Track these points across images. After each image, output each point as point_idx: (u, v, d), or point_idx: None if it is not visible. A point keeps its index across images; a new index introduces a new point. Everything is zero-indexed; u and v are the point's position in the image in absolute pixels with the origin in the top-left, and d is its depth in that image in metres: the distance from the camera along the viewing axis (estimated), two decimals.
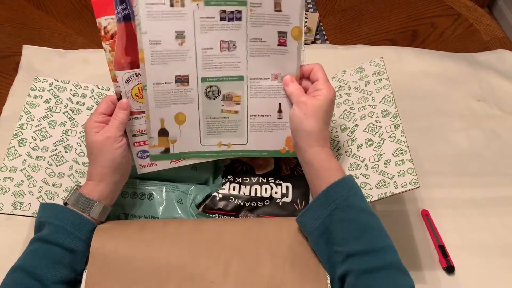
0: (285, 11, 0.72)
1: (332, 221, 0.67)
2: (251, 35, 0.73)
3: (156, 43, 0.71)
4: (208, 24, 0.71)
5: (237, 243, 0.71)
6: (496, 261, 0.92)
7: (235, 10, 0.71)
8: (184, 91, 0.75)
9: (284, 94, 0.77)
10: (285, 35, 0.73)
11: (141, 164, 0.80)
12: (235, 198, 0.85)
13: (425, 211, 0.98)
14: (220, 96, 0.76)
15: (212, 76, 0.75)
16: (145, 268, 0.68)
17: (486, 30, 1.38)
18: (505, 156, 1.08)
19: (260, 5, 0.71)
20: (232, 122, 0.78)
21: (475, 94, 1.20)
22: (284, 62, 0.75)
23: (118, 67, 0.72)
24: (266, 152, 0.80)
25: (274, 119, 0.78)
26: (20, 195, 0.77)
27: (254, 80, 0.76)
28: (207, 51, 0.73)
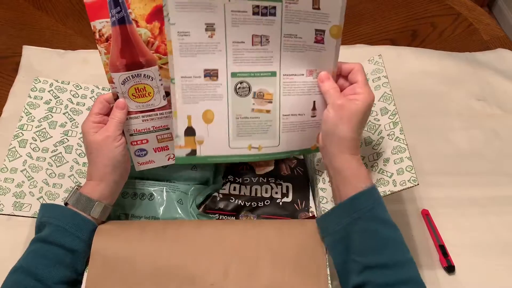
0: (324, 9, 0.68)
1: (354, 229, 0.66)
2: (286, 31, 0.69)
3: (184, 35, 0.68)
4: (239, 17, 0.68)
5: (237, 245, 0.70)
6: (496, 261, 0.92)
7: (269, 5, 0.68)
8: (213, 86, 0.71)
9: (319, 92, 0.73)
10: (323, 33, 0.70)
11: (139, 162, 0.80)
12: (236, 198, 0.85)
13: (425, 210, 0.98)
14: (251, 94, 0.72)
15: (243, 71, 0.71)
16: (145, 269, 0.68)
17: (486, 30, 1.38)
18: (505, 155, 1.08)
19: (296, 2, 0.68)
20: (264, 123, 0.74)
21: (475, 94, 1.20)
22: (321, 59, 0.72)
23: (113, 69, 0.72)
24: (298, 152, 0.77)
25: (308, 118, 0.74)
26: (20, 196, 0.77)
27: (288, 76, 0.72)
28: (238, 44, 0.69)
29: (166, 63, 0.72)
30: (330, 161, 0.72)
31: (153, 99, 0.75)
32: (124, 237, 0.71)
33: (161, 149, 0.81)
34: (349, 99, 0.70)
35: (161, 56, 0.73)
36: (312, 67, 0.72)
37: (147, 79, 0.74)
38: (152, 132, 0.78)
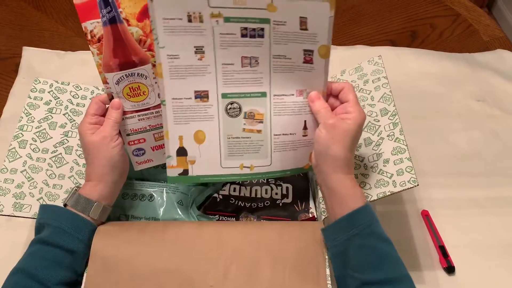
0: (312, 30, 0.69)
1: (351, 246, 0.66)
2: (275, 52, 0.70)
3: (174, 58, 0.69)
4: (228, 40, 0.69)
5: (237, 247, 0.70)
6: (496, 261, 0.92)
7: (257, 27, 0.68)
8: (204, 107, 0.72)
9: (309, 111, 0.74)
10: (311, 53, 0.70)
11: (137, 161, 0.81)
12: (236, 199, 0.85)
13: (425, 211, 0.98)
14: (241, 114, 0.73)
15: (233, 92, 0.72)
16: (144, 270, 0.68)
17: (485, 30, 1.38)
18: (504, 156, 1.08)
19: (284, 23, 0.68)
20: (255, 143, 0.74)
21: (474, 94, 1.20)
22: (310, 79, 0.72)
23: (107, 70, 0.72)
24: (290, 171, 0.77)
25: (299, 137, 0.75)
26: (20, 196, 0.77)
27: (278, 96, 0.73)
28: (228, 66, 0.70)
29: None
30: (323, 180, 0.72)
31: (148, 97, 0.76)
32: (124, 238, 0.71)
33: (159, 147, 0.81)
34: (341, 118, 0.70)
35: (153, 53, 0.73)
36: (302, 87, 0.73)
37: (141, 78, 0.74)
38: (148, 131, 0.78)
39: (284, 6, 0.67)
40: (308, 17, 0.68)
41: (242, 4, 0.67)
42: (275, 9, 0.67)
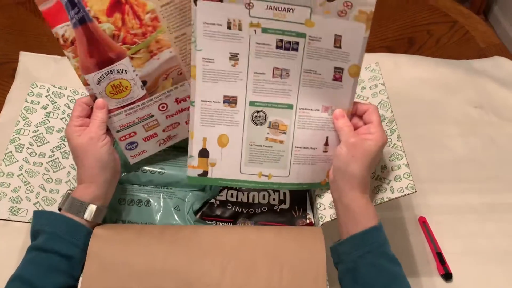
0: (345, 48, 0.70)
1: (363, 263, 0.67)
2: (306, 66, 0.72)
3: (209, 61, 0.71)
4: (263, 50, 0.71)
5: (234, 248, 0.71)
6: (493, 268, 0.92)
7: (292, 40, 0.70)
8: (231, 112, 0.74)
9: (332, 128, 0.75)
10: (342, 71, 0.71)
11: (131, 155, 0.81)
12: (233, 205, 0.85)
13: (422, 218, 0.98)
14: (266, 123, 0.74)
15: (261, 101, 0.74)
16: (141, 272, 0.68)
17: (482, 37, 1.38)
18: (501, 162, 1.08)
19: (319, 39, 0.70)
20: (276, 152, 0.76)
21: (471, 101, 1.20)
22: (337, 96, 0.73)
23: (86, 71, 0.72)
24: (307, 185, 0.78)
25: (319, 152, 0.76)
26: (17, 200, 0.77)
27: (304, 110, 0.74)
28: (259, 75, 0.72)
29: (137, 51, 0.73)
30: (339, 196, 0.73)
31: (131, 91, 0.75)
32: (121, 239, 0.71)
33: (150, 137, 0.82)
34: (362, 138, 0.72)
35: (129, 46, 0.72)
36: (328, 103, 0.74)
37: (121, 73, 0.73)
38: (138, 124, 0.79)
39: (321, 23, 0.68)
40: (343, 36, 0.69)
41: (281, 17, 0.69)
42: (313, 25, 0.69)
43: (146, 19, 0.71)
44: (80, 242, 0.69)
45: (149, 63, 0.74)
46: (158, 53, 0.74)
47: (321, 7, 0.68)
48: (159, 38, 0.73)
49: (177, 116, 0.82)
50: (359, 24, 0.68)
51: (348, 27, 0.69)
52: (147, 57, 0.74)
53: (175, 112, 0.81)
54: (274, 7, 0.68)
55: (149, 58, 0.74)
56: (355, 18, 0.68)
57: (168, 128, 0.83)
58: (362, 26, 0.69)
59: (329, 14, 0.68)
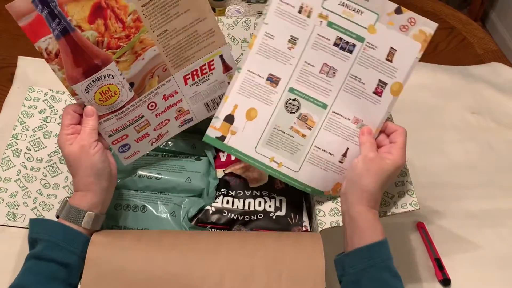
0: (395, 64, 0.72)
1: (365, 277, 0.68)
2: (354, 72, 0.74)
3: (270, 37, 0.74)
4: (321, 43, 0.73)
5: (233, 254, 0.70)
6: (491, 274, 0.92)
7: (350, 41, 0.73)
8: (269, 91, 0.75)
9: (356, 141, 0.76)
10: (384, 86, 0.73)
11: (124, 157, 0.81)
12: (228, 212, 0.84)
13: (420, 223, 0.98)
14: (296, 113, 0.75)
15: (300, 91, 0.75)
16: (140, 278, 0.67)
17: (479, 43, 1.39)
18: (499, 168, 1.08)
19: (375, 47, 0.72)
20: (295, 144, 0.76)
21: (469, 107, 1.20)
22: (371, 111, 0.75)
23: (73, 81, 0.71)
24: (310, 189, 0.78)
25: (335, 161, 0.76)
26: (14, 206, 0.77)
27: (336, 114, 0.75)
28: (308, 66, 0.74)
29: (122, 55, 0.72)
30: (347, 208, 0.73)
31: (120, 96, 0.75)
32: (119, 246, 0.70)
33: (142, 137, 0.81)
34: (381, 156, 0.73)
35: (114, 51, 0.72)
36: (361, 116, 0.75)
37: (109, 79, 0.73)
38: (129, 126, 0.78)
39: (382, 31, 0.72)
40: (398, 50, 0.72)
41: (349, 16, 0.72)
42: (374, 32, 0.72)
43: (129, 21, 0.71)
44: (78, 250, 0.68)
45: (134, 64, 0.74)
46: (142, 53, 0.74)
47: (388, 17, 0.72)
48: (142, 38, 0.73)
49: (166, 113, 0.81)
50: (416, 43, 0.71)
51: (405, 43, 0.71)
52: (132, 59, 0.74)
53: (164, 109, 0.81)
54: (347, 4, 0.72)
55: (134, 60, 0.74)
56: (414, 36, 0.71)
57: (159, 126, 0.82)
58: (418, 45, 0.71)
59: (392, 26, 0.72)
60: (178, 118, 0.82)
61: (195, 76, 0.79)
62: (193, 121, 0.84)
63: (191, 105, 0.82)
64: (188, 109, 0.82)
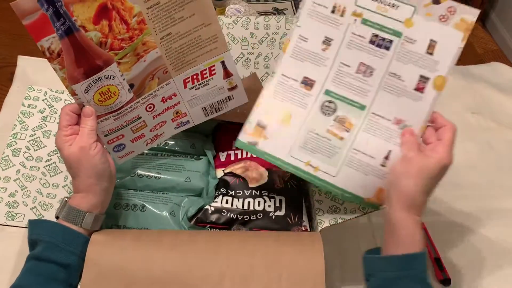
0: (437, 56, 0.69)
1: (396, 284, 0.65)
2: (392, 69, 0.71)
3: (303, 39, 0.73)
4: (356, 41, 0.71)
5: (233, 254, 0.70)
6: (491, 273, 0.92)
7: (387, 37, 0.70)
8: (304, 94, 0.73)
9: (398, 143, 0.71)
10: (426, 81, 0.70)
11: (119, 156, 0.81)
12: (228, 211, 0.84)
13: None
14: (333, 115, 0.73)
15: (336, 92, 0.72)
16: (140, 277, 0.67)
17: (479, 43, 1.39)
18: (499, 168, 1.08)
19: (414, 41, 0.70)
20: (332, 147, 0.72)
21: (469, 107, 1.20)
22: (414, 110, 0.70)
23: (73, 81, 0.71)
24: (350, 195, 0.73)
25: (377, 164, 0.71)
26: (13, 205, 0.77)
27: (375, 115, 0.72)
28: (344, 67, 0.72)
29: (124, 56, 0.72)
30: (388, 212, 0.69)
31: (119, 96, 0.75)
32: (119, 246, 0.71)
33: (138, 138, 0.81)
34: (423, 155, 0.67)
35: (116, 52, 0.72)
36: (402, 116, 0.71)
37: (109, 80, 0.73)
38: (126, 126, 0.78)
39: (420, 24, 0.69)
40: (438, 42, 0.69)
41: (383, 11, 0.70)
42: (411, 25, 0.69)
43: (133, 22, 0.71)
44: (78, 250, 0.68)
45: (136, 66, 0.74)
46: (144, 55, 0.74)
47: (425, 8, 0.69)
48: (145, 40, 0.73)
49: (163, 115, 0.81)
50: (458, 32, 0.68)
51: (446, 33, 0.68)
52: (134, 61, 0.73)
53: (161, 111, 0.80)
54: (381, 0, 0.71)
55: (136, 61, 0.74)
56: (456, 25, 0.68)
57: (155, 128, 0.82)
58: (460, 35, 0.68)
59: (430, 17, 0.69)
60: (175, 120, 0.82)
61: (195, 80, 0.79)
62: (189, 123, 0.84)
63: (188, 108, 0.82)
64: (186, 112, 0.82)
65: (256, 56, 0.89)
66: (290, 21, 0.90)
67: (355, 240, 0.95)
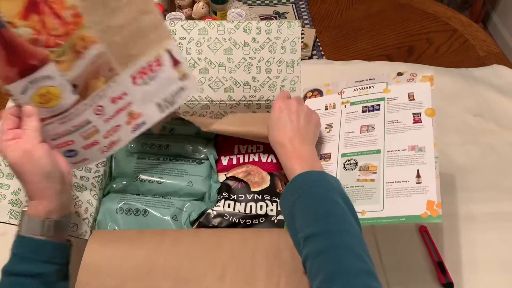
0: (418, 99, 0.83)
1: (296, 209, 0.69)
2: (388, 119, 0.83)
3: None
4: (352, 116, 0.86)
5: (235, 251, 0.71)
6: (494, 277, 0.91)
7: (374, 104, 0.86)
8: (326, 165, 0.84)
9: (422, 162, 0.77)
10: (420, 115, 0.82)
11: (72, 162, 0.75)
12: (230, 216, 0.84)
13: (423, 227, 0.97)
14: (357, 167, 0.81)
15: (351, 152, 0.83)
16: (141, 271, 0.68)
17: (481, 46, 1.39)
18: (502, 170, 1.08)
19: (396, 98, 0.85)
20: (368, 190, 0.78)
21: (471, 109, 1.20)
22: (421, 135, 0.80)
23: (7, 81, 0.65)
24: (404, 218, 0.75)
25: (413, 184, 0.76)
26: (17, 204, 0.75)
27: (391, 152, 0.80)
28: (349, 134, 0.85)
29: (61, 54, 0.67)
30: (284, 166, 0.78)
31: (62, 99, 0.69)
32: (120, 242, 0.71)
33: (91, 145, 0.75)
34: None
35: (53, 49, 0.66)
36: (413, 143, 0.80)
37: (47, 80, 0.67)
38: (74, 132, 0.72)
39: (395, 89, 0.86)
40: (414, 92, 0.84)
41: (364, 93, 0.88)
42: (389, 91, 0.86)
43: (67, 15, 0.65)
44: (46, 258, 0.67)
45: (76, 64, 0.68)
46: (84, 52, 0.68)
47: (394, 80, 0.87)
48: (83, 35, 0.67)
49: (116, 118, 0.75)
50: (425, 83, 0.84)
51: (416, 86, 0.85)
52: (73, 58, 0.68)
53: (113, 113, 0.74)
54: (359, 88, 0.89)
55: (76, 59, 0.68)
56: (421, 80, 0.85)
57: (109, 133, 0.75)
58: (427, 83, 0.84)
59: (400, 83, 0.86)
60: (130, 122, 0.76)
61: (143, 74, 0.74)
62: (146, 124, 0.78)
63: (142, 107, 0.76)
64: (140, 111, 0.76)
65: (258, 61, 0.89)
66: (292, 26, 0.90)
67: None
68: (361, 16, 1.47)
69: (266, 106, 0.93)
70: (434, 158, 0.76)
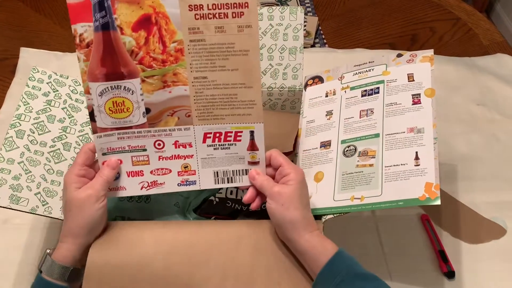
0: (417, 80, 0.82)
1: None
2: (387, 101, 0.82)
3: (311, 122, 0.88)
4: (351, 101, 0.85)
5: (233, 252, 0.70)
6: (496, 266, 0.91)
7: (374, 88, 0.84)
8: (326, 153, 0.83)
9: (421, 143, 0.76)
10: (419, 96, 0.80)
11: (109, 187, 0.73)
12: (232, 202, 0.84)
13: (425, 216, 0.97)
14: (356, 153, 0.80)
15: (350, 138, 0.82)
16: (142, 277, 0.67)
17: (485, 35, 1.38)
18: (505, 160, 1.08)
19: (395, 80, 0.83)
20: (366, 175, 0.77)
21: (474, 98, 1.20)
22: (420, 116, 0.79)
23: (92, 78, 0.68)
24: (402, 202, 0.74)
25: (411, 167, 0.75)
26: (17, 189, 0.75)
27: (390, 135, 0.79)
28: (349, 120, 0.83)
29: (150, 76, 0.69)
30: (294, 247, 0.70)
31: (131, 115, 0.70)
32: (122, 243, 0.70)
33: (135, 173, 0.74)
34: (283, 184, 0.71)
35: (144, 68, 0.69)
36: (412, 125, 0.79)
37: (127, 92, 0.69)
38: (127, 152, 0.72)
39: (394, 70, 0.84)
40: (414, 73, 0.83)
41: (364, 76, 0.86)
42: (388, 73, 0.84)
43: (171, 47, 0.68)
44: None
45: (159, 92, 0.70)
46: (172, 86, 0.70)
47: (393, 62, 0.85)
48: (177, 72, 0.69)
49: (170, 162, 0.74)
50: (425, 63, 0.82)
51: (416, 66, 0.83)
52: (159, 86, 0.70)
53: (170, 156, 0.74)
54: (359, 72, 0.87)
55: (161, 87, 0.70)
56: (421, 61, 0.83)
57: (157, 172, 0.74)
58: (427, 64, 0.82)
59: (400, 64, 0.84)
60: (182, 174, 0.75)
61: (217, 138, 0.73)
62: (195, 185, 0.75)
63: (200, 167, 0.75)
64: (196, 169, 0.75)
65: (260, 47, 0.89)
66: (294, 12, 0.90)
67: (359, 232, 0.95)
68: (364, 4, 1.47)
69: (268, 94, 0.93)
70: (433, 139, 0.75)
